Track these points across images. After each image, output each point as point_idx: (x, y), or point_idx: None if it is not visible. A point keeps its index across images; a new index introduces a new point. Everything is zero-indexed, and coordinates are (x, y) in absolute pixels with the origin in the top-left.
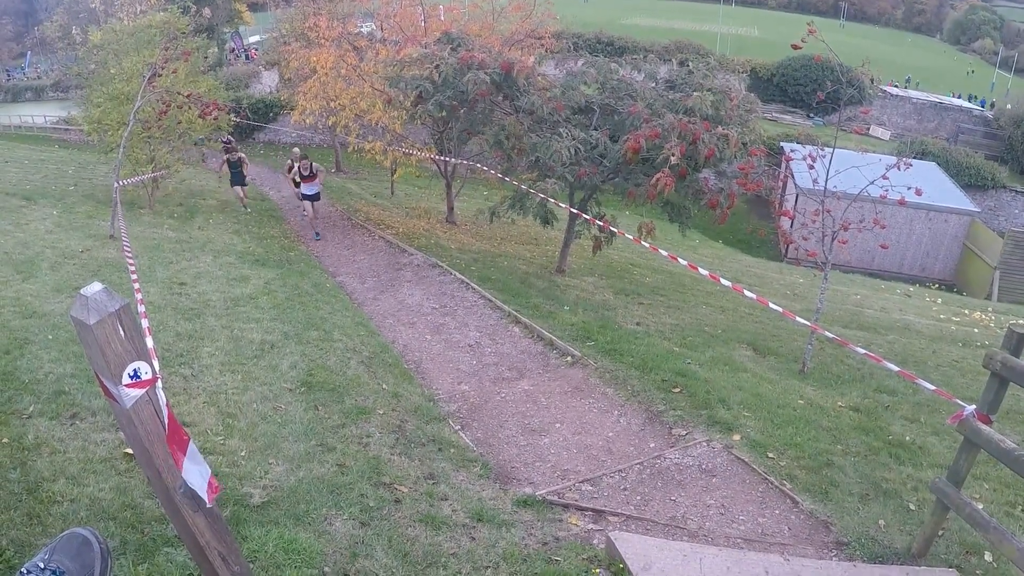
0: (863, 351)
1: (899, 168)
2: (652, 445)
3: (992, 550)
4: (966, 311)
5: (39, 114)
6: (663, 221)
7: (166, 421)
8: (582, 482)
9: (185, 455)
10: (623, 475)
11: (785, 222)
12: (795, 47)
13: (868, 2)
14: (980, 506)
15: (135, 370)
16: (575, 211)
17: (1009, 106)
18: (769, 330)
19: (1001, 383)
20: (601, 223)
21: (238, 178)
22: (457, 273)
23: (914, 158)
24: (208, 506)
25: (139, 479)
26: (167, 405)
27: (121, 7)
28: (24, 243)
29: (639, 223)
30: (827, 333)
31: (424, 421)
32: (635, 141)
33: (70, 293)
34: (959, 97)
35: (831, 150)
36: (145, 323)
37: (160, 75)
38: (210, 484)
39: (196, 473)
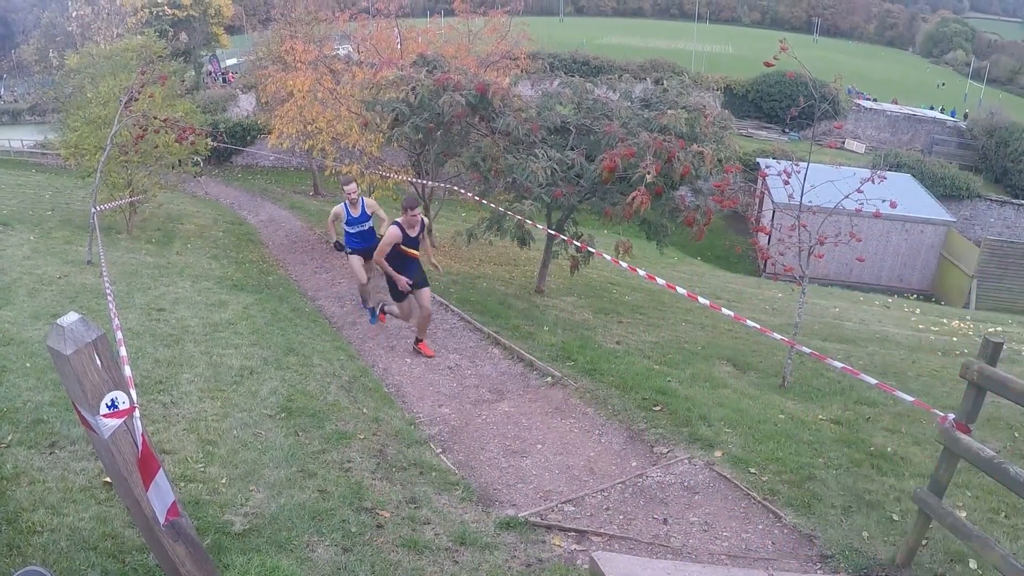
0: (841, 365)
1: (874, 181)
2: (634, 464)
3: (976, 557)
4: (944, 320)
5: (15, 138)
6: (641, 239)
7: (140, 447)
8: (565, 503)
9: (152, 481)
10: (605, 495)
11: (762, 238)
12: (767, 64)
13: (841, 17)
14: (963, 514)
15: (112, 400)
16: (552, 232)
17: (990, 113)
18: (749, 345)
19: (979, 392)
20: (579, 243)
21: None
22: (436, 295)
23: (889, 170)
24: (161, 525)
25: (119, 508)
26: (143, 434)
27: (98, 31)
28: (1, 269)
29: (616, 242)
30: (804, 348)
31: (405, 445)
32: (611, 160)
33: (48, 320)
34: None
35: (806, 165)
36: (123, 351)
37: (137, 99)
38: (171, 509)
39: (159, 497)
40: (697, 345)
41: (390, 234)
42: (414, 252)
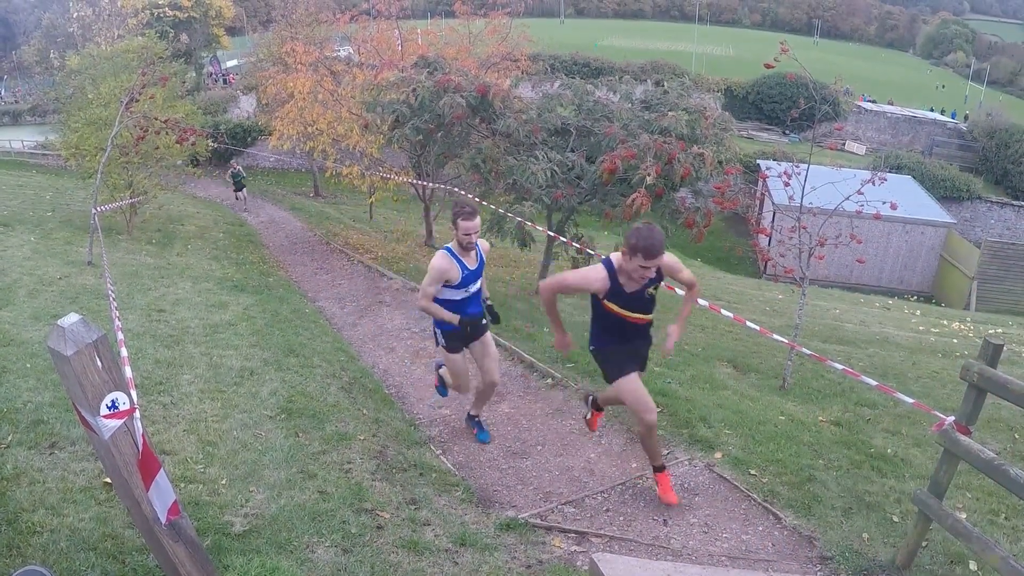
0: (841, 367)
1: (874, 183)
2: (634, 465)
3: (976, 559)
4: (945, 322)
5: (16, 139)
6: None
7: (140, 447)
8: (565, 504)
9: (153, 481)
10: (605, 496)
11: (762, 239)
12: (768, 66)
13: (842, 19)
14: (963, 516)
15: (113, 401)
16: (552, 233)
17: (988, 115)
18: (749, 347)
19: (979, 394)
20: (579, 245)
21: None
22: None
23: (889, 172)
24: (162, 524)
25: (119, 509)
26: (143, 434)
27: (99, 32)
28: (1, 270)
29: (616, 243)
30: (804, 350)
31: (405, 446)
32: (611, 162)
33: (48, 321)
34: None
35: (806, 167)
36: (123, 351)
37: (137, 100)
38: (171, 508)
39: (159, 497)
40: (697, 346)
41: (591, 278)
42: (638, 317)
